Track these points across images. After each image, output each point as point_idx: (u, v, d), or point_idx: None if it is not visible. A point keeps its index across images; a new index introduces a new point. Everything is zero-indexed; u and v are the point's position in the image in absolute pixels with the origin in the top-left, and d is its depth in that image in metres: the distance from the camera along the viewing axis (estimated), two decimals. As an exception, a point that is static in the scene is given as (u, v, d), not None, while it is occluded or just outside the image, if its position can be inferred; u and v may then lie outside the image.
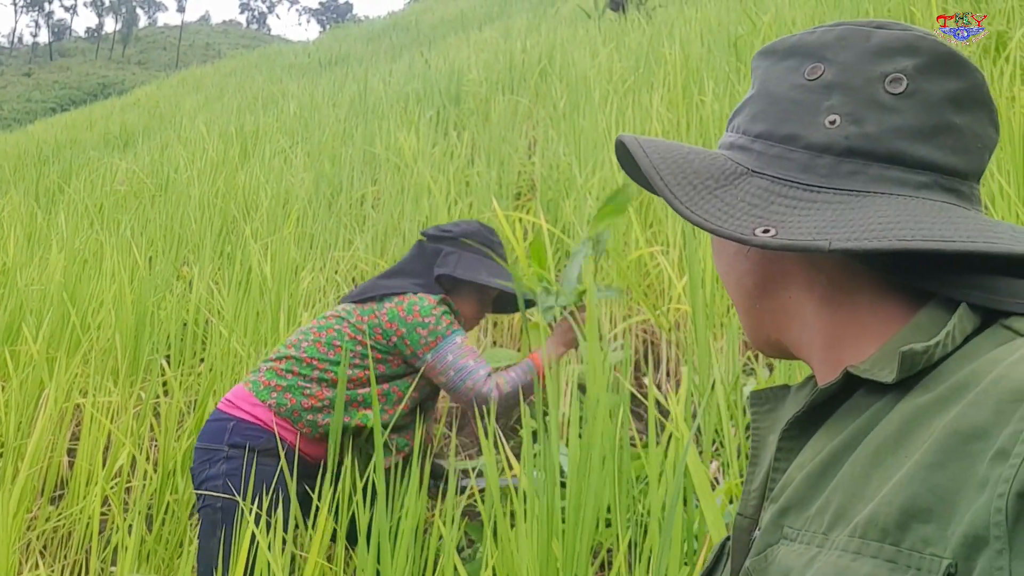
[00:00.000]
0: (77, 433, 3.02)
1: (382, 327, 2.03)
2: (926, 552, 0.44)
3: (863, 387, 0.57)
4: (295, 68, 16.85)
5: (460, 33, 13.96)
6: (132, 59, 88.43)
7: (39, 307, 3.60)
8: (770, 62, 0.66)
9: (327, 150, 5.91)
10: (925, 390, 0.51)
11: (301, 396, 1.99)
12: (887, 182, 0.59)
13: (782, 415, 0.68)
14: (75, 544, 2.53)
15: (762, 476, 0.65)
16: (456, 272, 2.08)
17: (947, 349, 0.53)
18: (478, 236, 2.18)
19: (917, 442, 0.48)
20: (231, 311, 3.22)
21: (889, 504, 0.47)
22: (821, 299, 0.62)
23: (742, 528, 0.65)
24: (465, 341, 2.05)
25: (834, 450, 0.55)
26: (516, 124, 5.28)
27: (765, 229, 0.57)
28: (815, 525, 0.53)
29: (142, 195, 6.00)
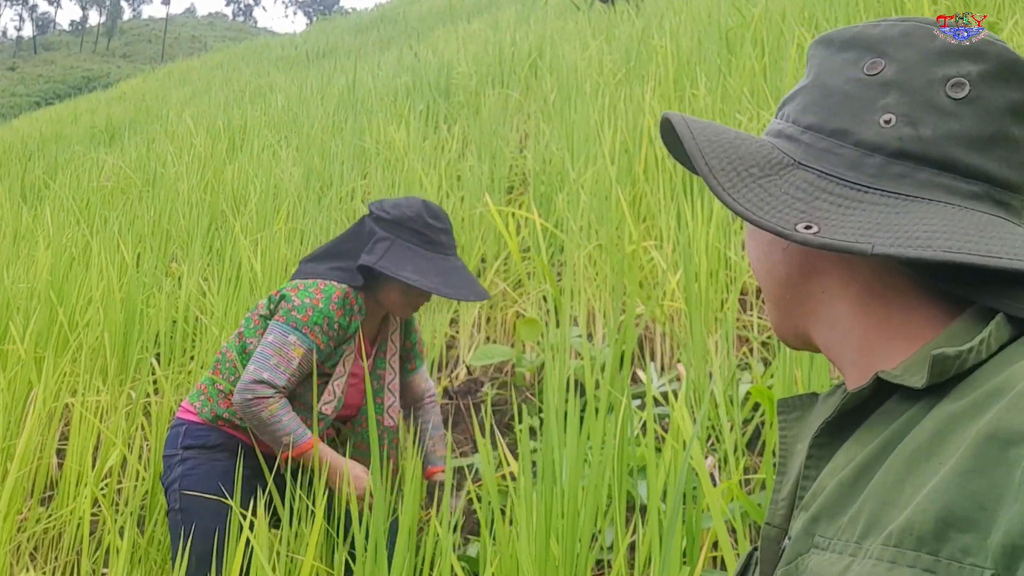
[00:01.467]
0: (66, 433, 2.99)
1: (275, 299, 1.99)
2: (966, 562, 0.43)
3: (895, 393, 0.56)
4: (282, 61, 16.74)
5: (448, 25, 13.90)
6: (117, 52, 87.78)
7: (26, 305, 3.55)
8: (828, 52, 0.64)
9: (316, 144, 5.86)
10: (958, 396, 0.50)
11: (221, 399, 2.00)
12: (936, 189, 0.57)
13: (810, 423, 0.67)
14: (66, 546, 2.50)
15: (790, 485, 0.64)
16: (379, 265, 1.91)
17: (981, 356, 0.52)
18: (416, 222, 1.97)
19: (951, 449, 0.47)
20: (221, 309, 3.19)
21: (925, 512, 0.46)
22: (855, 300, 0.61)
23: (770, 538, 0.64)
24: (296, 347, 1.89)
25: (867, 457, 0.54)
26: (507, 118, 5.26)
27: (807, 225, 0.55)
28: (848, 534, 0.51)
29: (129, 191, 5.94)
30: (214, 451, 1.96)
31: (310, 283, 1.96)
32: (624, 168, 3.51)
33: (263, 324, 2.00)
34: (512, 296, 3.27)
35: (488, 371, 3.10)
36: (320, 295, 1.93)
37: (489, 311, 3.37)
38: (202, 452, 1.96)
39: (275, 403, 1.86)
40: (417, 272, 1.92)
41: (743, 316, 2.72)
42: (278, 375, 1.87)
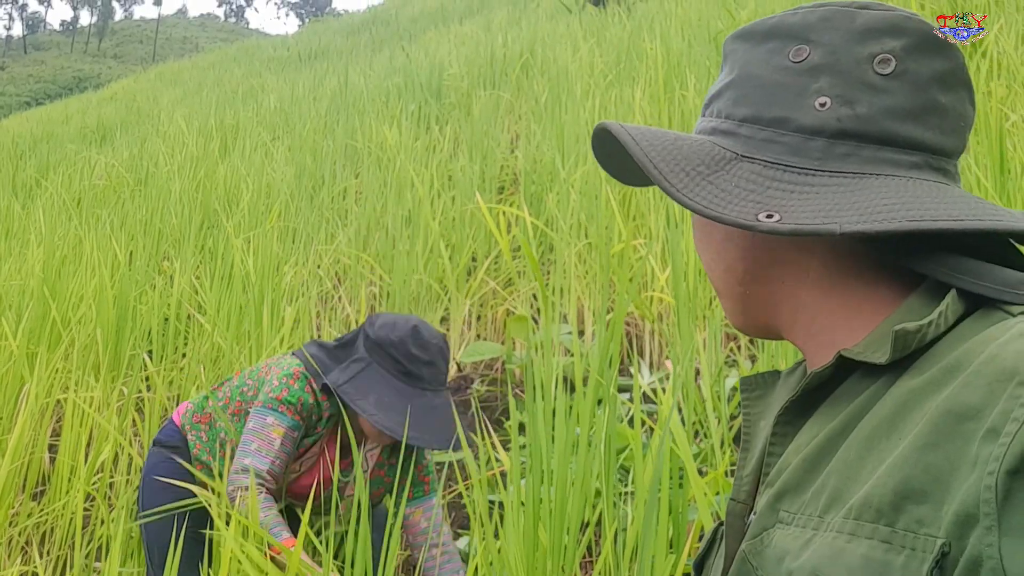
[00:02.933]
0: (59, 430, 3.00)
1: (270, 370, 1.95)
2: (920, 532, 0.45)
3: (857, 370, 0.57)
4: (274, 62, 16.72)
5: (440, 27, 13.91)
6: (108, 52, 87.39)
7: (18, 302, 3.56)
8: (749, 45, 0.65)
9: (308, 144, 5.88)
10: (918, 372, 0.51)
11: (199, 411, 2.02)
12: (881, 163, 0.59)
13: (773, 400, 0.69)
14: (58, 540, 2.52)
15: (755, 461, 0.66)
16: (340, 389, 1.79)
17: (939, 329, 0.53)
18: (398, 348, 1.81)
19: (910, 424, 0.48)
20: (213, 306, 3.21)
21: (884, 486, 0.47)
22: (815, 284, 0.62)
23: (735, 513, 0.65)
24: (275, 427, 1.80)
25: (829, 434, 0.55)
26: (498, 118, 5.28)
27: (768, 214, 0.56)
28: (811, 508, 0.53)
29: (121, 189, 5.95)
30: (175, 450, 2.00)
31: (294, 362, 1.88)
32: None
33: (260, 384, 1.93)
34: (503, 294, 3.30)
35: (479, 368, 3.12)
36: (297, 375, 1.85)
37: (480, 309, 3.40)
38: (164, 449, 2.01)
39: (255, 496, 1.72)
40: (379, 406, 1.76)
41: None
42: (260, 460, 1.78)
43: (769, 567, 0.54)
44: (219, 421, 1.96)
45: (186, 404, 2.09)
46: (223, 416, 1.93)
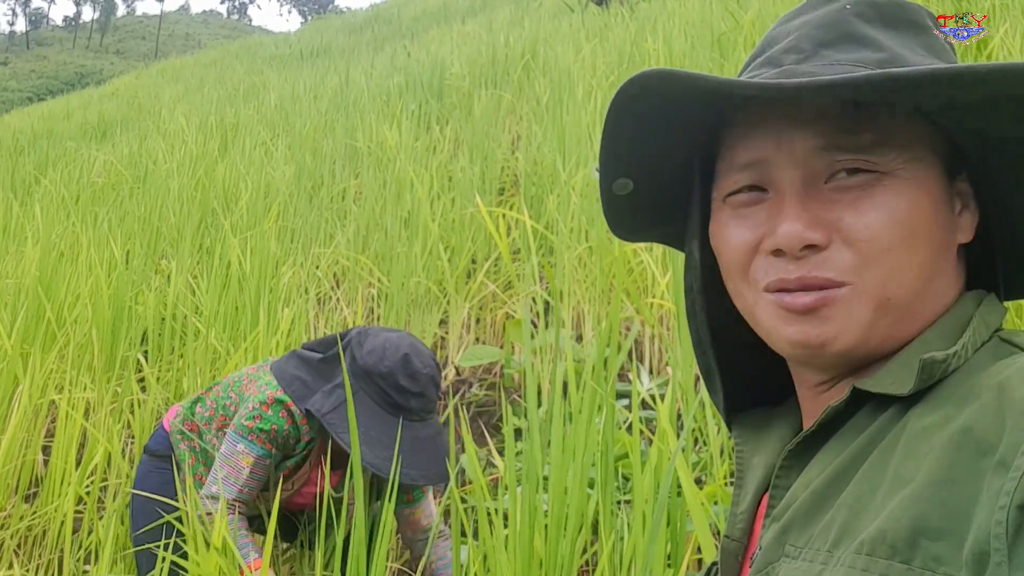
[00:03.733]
0: (53, 430, 2.98)
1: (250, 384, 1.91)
2: (939, 571, 0.44)
3: (869, 402, 0.55)
4: (276, 59, 16.70)
5: (443, 25, 13.89)
6: (110, 48, 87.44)
7: (14, 301, 3.54)
8: None
9: (308, 143, 5.85)
10: (932, 406, 0.50)
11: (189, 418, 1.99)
12: None
13: (764, 437, 0.67)
14: (49, 543, 2.49)
15: (749, 498, 0.64)
16: (324, 418, 1.73)
17: (960, 361, 0.52)
18: (387, 380, 1.75)
19: (923, 458, 0.47)
20: (210, 307, 3.18)
21: (898, 521, 0.46)
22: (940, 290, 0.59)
23: (730, 551, 0.64)
24: (245, 456, 1.77)
25: (839, 467, 0.53)
26: (499, 119, 5.26)
27: None
28: (819, 542, 0.51)
29: (120, 187, 5.92)
30: (163, 460, 2.00)
31: (271, 384, 1.82)
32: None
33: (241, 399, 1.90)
34: (502, 297, 3.27)
35: (477, 372, 3.10)
36: (271, 399, 1.79)
37: (479, 312, 3.37)
38: (153, 459, 2.01)
39: (224, 520, 1.71)
40: (365, 441, 1.69)
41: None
42: (228, 487, 1.77)
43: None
44: (207, 435, 1.95)
45: (176, 408, 2.07)
46: (210, 431, 1.93)
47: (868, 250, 0.55)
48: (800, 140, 0.57)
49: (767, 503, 0.60)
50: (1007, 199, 0.60)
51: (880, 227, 0.55)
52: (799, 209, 0.56)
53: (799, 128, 0.57)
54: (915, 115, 0.57)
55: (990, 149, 0.58)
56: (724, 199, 0.62)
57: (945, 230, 0.57)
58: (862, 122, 0.56)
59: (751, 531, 0.63)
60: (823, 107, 0.57)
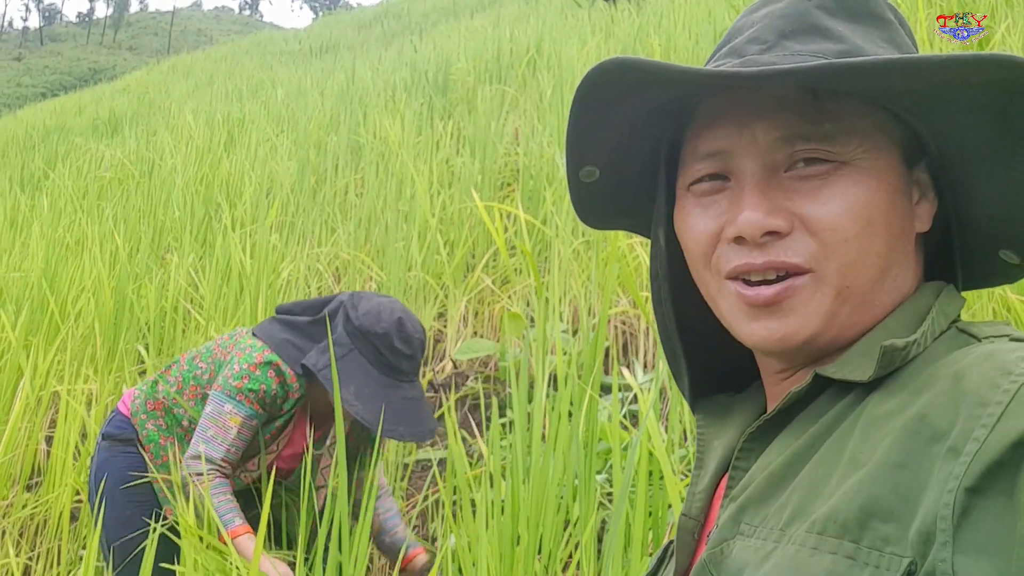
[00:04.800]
0: (56, 420, 3.02)
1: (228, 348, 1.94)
2: (886, 551, 0.45)
3: (829, 388, 0.57)
4: (286, 55, 16.75)
5: (451, 20, 13.90)
6: (123, 44, 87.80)
7: (18, 294, 3.59)
8: None
9: (313, 138, 5.89)
10: (889, 394, 0.51)
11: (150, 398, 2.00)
12: None
13: (729, 421, 0.68)
14: (49, 532, 2.53)
15: (709, 478, 0.66)
16: (320, 375, 1.80)
17: (920, 349, 0.53)
18: (382, 340, 1.82)
19: (878, 443, 0.48)
20: (211, 300, 3.22)
21: (850, 502, 0.47)
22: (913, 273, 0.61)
23: (686, 529, 0.65)
24: (232, 416, 1.80)
25: (796, 451, 0.55)
26: (502, 114, 5.27)
27: None
28: (773, 521, 0.53)
29: (127, 182, 5.97)
30: (127, 444, 1.98)
31: (256, 346, 1.87)
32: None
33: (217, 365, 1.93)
34: (499, 292, 3.29)
35: (474, 365, 3.12)
36: (260, 360, 1.83)
37: (477, 306, 3.39)
38: (115, 443, 1.98)
39: (208, 481, 1.75)
40: (358, 396, 1.78)
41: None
42: (215, 447, 1.79)
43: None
44: (178, 408, 1.94)
45: (132, 391, 2.06)
46: (183, 403, 1.93)
47: (829, 239, 0.56)
48: (761, 130, 0.58)
49: (726, 484, 0.61)
50: (964, 189, 0.61)
51: (839, 216, 0.56)
52: (759, 197, 0.57)
53: (760, 118, 0.58)
54: (874, 106, 0.58)
55: (947, 140, 0.59)
56: (688, 188, 0.63)
57: (903, 219, 0.58)
58: (821, 112, 0.57)
59: (708, 511, 0.65)
60: (783, 97, 0.58)
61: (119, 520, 1.89)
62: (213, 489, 1.76)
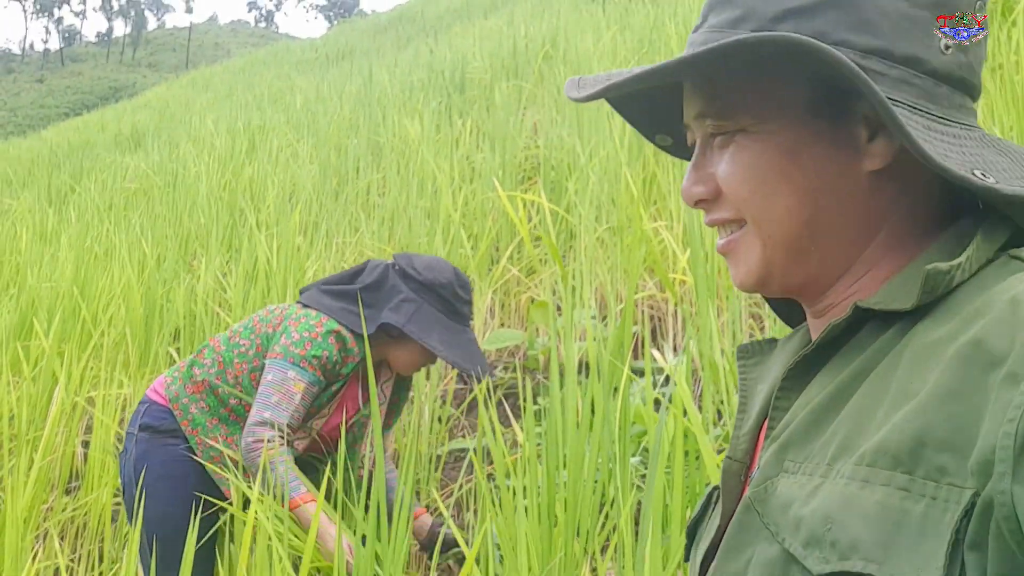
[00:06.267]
0: (91, 425, 3.06)
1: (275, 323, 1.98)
2: (943, 481, 0.43)
3: (870, 322, 0.55)
4: (302, 64, 16.87)
5: (465, 22, 13.93)
6: (142, 62, 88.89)
7: (51, 303, 3.64)
8: None
9: (333, 141, 5.92)
10: (937, 323, 0.50)
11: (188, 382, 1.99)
12: (970, 114, 0.57)
13: (771, 366, 0.68)
14: (90, 533, 2.56)
15: (752, 421, 0.65)
16: (407, 328, 1.91)
17: (965, 275, 0.51)
18: (446, 289, 1.97)
19: (929, 373, 0.47)
20: (239, 301, 3.24)
21: (901, 432, 0.45)
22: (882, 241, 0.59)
23: (731, 472, 0.64)
24: (296, 382, 1.86)
25: (839, 385, 0.54)
26: (519, 108, 5.27)
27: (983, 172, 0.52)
28: (819, 457, 0.51)
29: (151, 192, 6.04)
30: (166, 436, 1.96)
31: (312, 315, 1.93)
32: (635, 151, 3.52)
33: (262, 337, 1.97)
34: (525, 282, 3.29)
35: (502, 355, 3.12)
36: (320, 328, 1.90)
37: (503, 297, 3.39)
38: (155, 435, 1.96)
39: (274, 449, 1.80)
40: (442, 342, 1.93)
41: (753, 294, 2.72)
42: (280, 412, 1.84)
43: (775, 514, 0.53)
44: (222, 388, 1.95)
45: (162, 380, 2.05)
46: (224, 384, 1.94)
47: (734, 199, 0.61)
48: (689, 110, 0.64)
49: (767, 424, 0.61)
50: None
51: (731, 180, 0.60)
52: (691, 170, 0.64)
53: (689, 100, 0.64)
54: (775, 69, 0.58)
55: None
56: None
57: (818, 168, 0.58)
58: (714, 90, 0.61)
59: (753, 453, 0.64)
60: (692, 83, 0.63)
61: (162, 515, 1.88)
62: (280, 456, 1.81)
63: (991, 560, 0.41)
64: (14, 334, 3.35)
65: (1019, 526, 0.39)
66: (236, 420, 1.95)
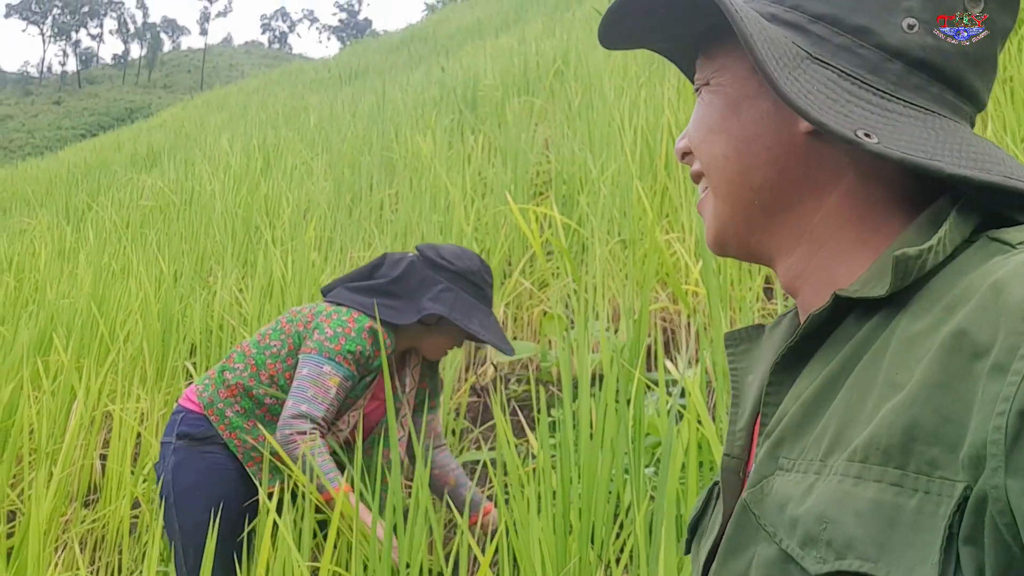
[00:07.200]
0: (109, 440, 3.09)
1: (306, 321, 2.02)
2: (935, 475, 0.43)
3: (853, 311, 0.55)
4: (316, 83, 17.03)
5: (477, 41, 14.03)
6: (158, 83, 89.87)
7: (69, 318, 3.68)
8: None
9: (347, 158, 5.97)
10: (919, 313, 0.49)
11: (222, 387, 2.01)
12: (944, 105, 0.56)
13: (760, 354, 0.67)
14: (109, 545, 2.58)
15: (747, 416, 0.64)
16: (452, 316, 1.99)
17: (939, 258, 0.51)
18: (477, 276, 2.07)
19: (915, 363, 0.46)
20: (254, 314, 3.27)
21: (891, 426, 0.45)
22: (833, 209, 0.58)
23: (730, 469, 0.64)
24: (331, 376, 1.91)
25: (827, 377, 0.53)
26: (531, 124, 5.31)
27: (867, 133, 0.52)
28: (812, 453, 0.51)
29: (168, 209, 6.11)
30: (203, 443, 1.97)
31: (343, 311, 2.00)
32: (646, 165, 3.54)
33: (293, 337, 2.01)
34: (537, 295, 3.31)
35: (515, 368, 3.13)
36: (353, 324, 1.97)
37: (516, 311, 3.41)
38: (192, 443, 1.97)
39: (311, 441, 1.84)
40: (482, 326, 2.02)
41: (768, 305, 2.72)
42: (316, 407, 1.88)
43: (771, 515, 0.52)
44: (256, 389, 1.98)
45: (194, 388, 2.07)
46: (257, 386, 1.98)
47: (695, 150, 0.64)
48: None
49: (760, 421, 0.60)
50: None
51: (692, 129, 0.64)
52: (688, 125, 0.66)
53: None
54: None
55: None
56: None
57: (755, 122, 0.60)
58: (704, 45, 0.64)
59: (750, 448, 0.63)
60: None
61: (199, 524, 1.88)
62: (316, 449, 1.84)
63: (988, 555, 0.40)
64: (34, 349, 3.40)
65: (1014, 520, 0.39)
66: (272, 420, 1.98)
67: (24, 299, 4.33)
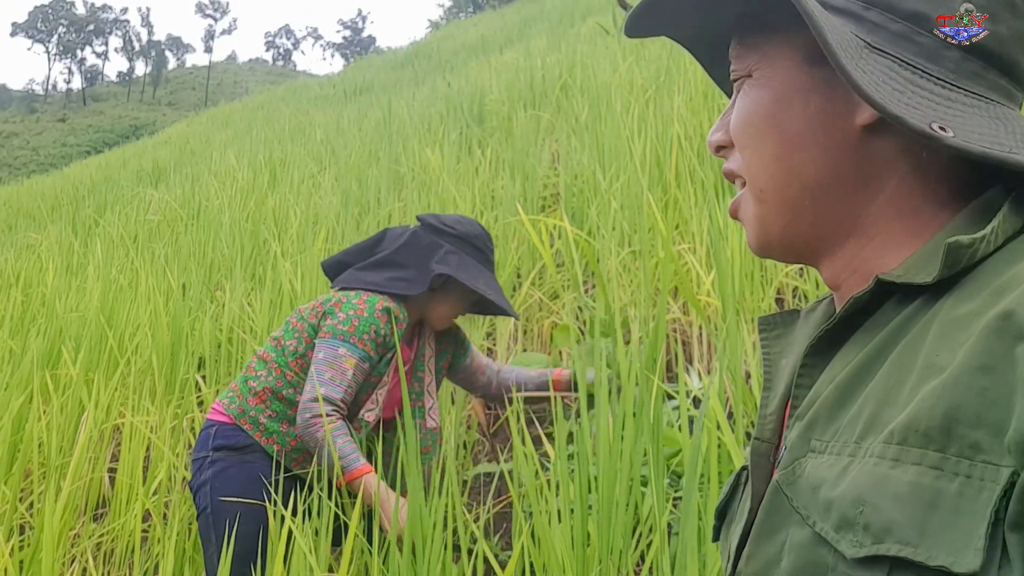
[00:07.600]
0: (117, 454, 3.07)
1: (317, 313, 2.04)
2: (977, 459, 0.41)
3: (893, 296, 0.54)
4: (321, 99, 17.10)
5: (481, 57, 14.10)
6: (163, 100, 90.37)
7: (78, 332, 3.67)
8: None
9: (354, 172, 5.98)
10: (964, 297, 0.48)
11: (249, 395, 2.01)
12: (999, 92, 0.55)
13: (794, 339, 0.66)
14: (118, 559, 2.56)
15: (778, 400, 0.64)
16: (458, 275, 2.01)
17: (990, 247, 0.50)
18: (479, 240, 2.11)
19: (957, 347, 0.45)
20: (263, 327, 3.26)
21: (932, 408, 0.44)
22: (886, 202, 0.57)
23: (760, 452, 0.63)
24: (347, 358, 1.92)
25: (864, 360, 0.52)
26: (538, 138, 5.31)
27: (941, 126, 0.50)
28: (846, 435, 0.50)
29: (175, 224, 6.11)
30: (243, 452, 1.97)
31: (352, 295, 2.00)
32: (655, 176, 3.53)
33: (308, 330, 2.02)
34: (548, 306, 3.29)
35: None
36: (364, 305, 1.97)
37: (526, 323, 3.40)
38: (231, 453, 1.96)
39: (331, 423, 1.84)
40: (488, 287, 2.04)
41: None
42: (334, 389, 1.88)
43: (804, 497, 0.51)
44: (285, 390, 1.98)
45: (218, 403, 2.06)
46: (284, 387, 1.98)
47: (737, 147, 0.62)
48: None
49: (791, 403, 0.59)
50: None
51: (735, 125, 0.62)
52: (720, 117, 0.64)
53: None
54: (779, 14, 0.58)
55: None
56: None
57: (807, 118, 0.58)
58: (740, 34, 0.62)
59: (780, 432, 0.62)
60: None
61: (245, 535, 1.85)
62: (335, 431, 1.84)
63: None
64: (43, 362, 3.39)
65: None
66: None
67: (32, 313, 4.32)
